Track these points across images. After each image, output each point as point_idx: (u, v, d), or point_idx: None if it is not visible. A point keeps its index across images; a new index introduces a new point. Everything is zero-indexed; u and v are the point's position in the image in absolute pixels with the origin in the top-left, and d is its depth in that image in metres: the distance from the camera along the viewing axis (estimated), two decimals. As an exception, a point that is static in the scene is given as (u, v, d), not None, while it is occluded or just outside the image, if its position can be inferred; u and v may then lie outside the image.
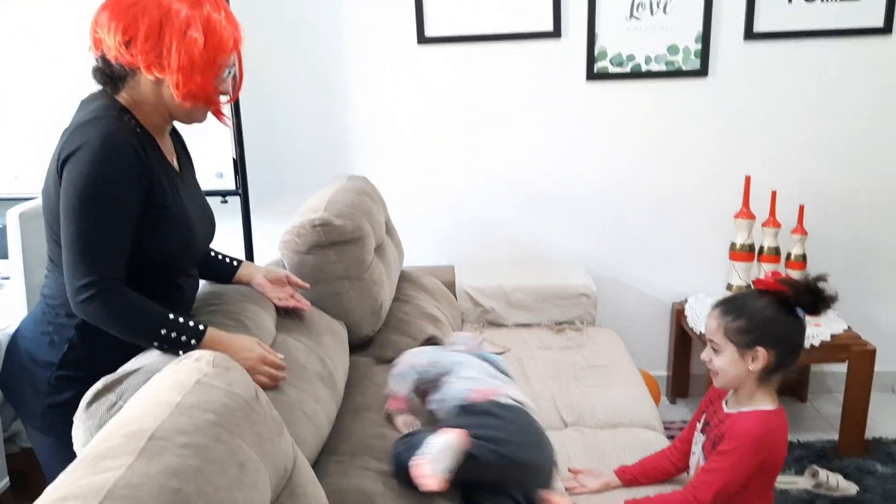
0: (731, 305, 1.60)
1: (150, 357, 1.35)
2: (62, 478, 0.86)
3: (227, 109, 1.55)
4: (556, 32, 2.77)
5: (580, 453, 1.93)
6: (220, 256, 1.73)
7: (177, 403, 0.99)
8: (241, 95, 2.56)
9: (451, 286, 2.79)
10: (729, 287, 2.84)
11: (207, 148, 2.61)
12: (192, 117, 1.47)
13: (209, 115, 1.51)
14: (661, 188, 2.94)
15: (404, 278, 2.61)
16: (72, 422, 1.26)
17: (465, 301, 2.77)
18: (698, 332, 2.71)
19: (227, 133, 2.57)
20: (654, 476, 1.80)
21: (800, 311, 1.55)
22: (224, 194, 2.65)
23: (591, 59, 2.78)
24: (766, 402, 1.60)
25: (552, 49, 2.80)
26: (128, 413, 0.99)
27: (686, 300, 2.95)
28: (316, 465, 1.47)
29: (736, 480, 1.56)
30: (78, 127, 1.34)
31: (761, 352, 1.55)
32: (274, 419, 1.10)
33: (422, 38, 2.80)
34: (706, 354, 1.64)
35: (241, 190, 2.64)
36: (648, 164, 2.91)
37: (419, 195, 2.96)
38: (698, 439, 1.71)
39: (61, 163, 1.32)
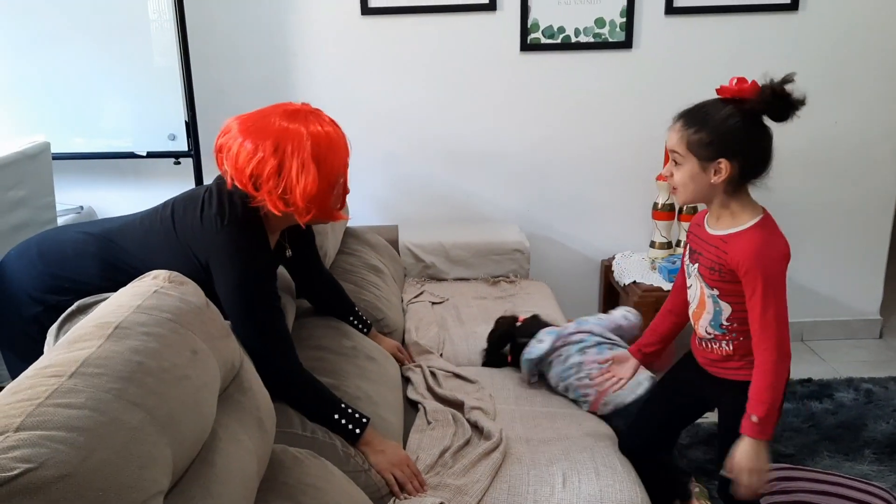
0: (694, 116, 1.51)
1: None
2: (44, 356, 1.03)
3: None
4: (491, 5, 2.94)
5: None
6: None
7: (137, 305, 1.16)
8: (192, 60, 2.71)
9: (395, 243, 2.98)
10: (652, 244, 3.07)
11: (160, 111, 2.74)
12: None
13: None
14: (588, 152, 3.16)
15: (350, 234, 2.79)
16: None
17: (407, 257, 2.96)
18: (623, 286, 2.95)
19: (178, 97, 2.70)
20: (668, 334, 1.84)
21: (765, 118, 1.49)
22: (177, 156, 2.79)
23: (524, 31, 2.98)
24: (748, 216, 1.54)
25: (488, 21, 2.98)
26: (95, 314, 1.16)
27: (613, 257, 3.19)
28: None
29: (783, 302, 1.48)
30: None
31: (724, 164, 1.48)
32: (223, 324, 1.28)
33: (365, 10, 2.95)
34: (667, 170, 1.59)
35: (194, 151, 2.78)
36: (577, 130, 3.13)
37: (365, 160, 3.13)
38: (691, 270, 1.66)
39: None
